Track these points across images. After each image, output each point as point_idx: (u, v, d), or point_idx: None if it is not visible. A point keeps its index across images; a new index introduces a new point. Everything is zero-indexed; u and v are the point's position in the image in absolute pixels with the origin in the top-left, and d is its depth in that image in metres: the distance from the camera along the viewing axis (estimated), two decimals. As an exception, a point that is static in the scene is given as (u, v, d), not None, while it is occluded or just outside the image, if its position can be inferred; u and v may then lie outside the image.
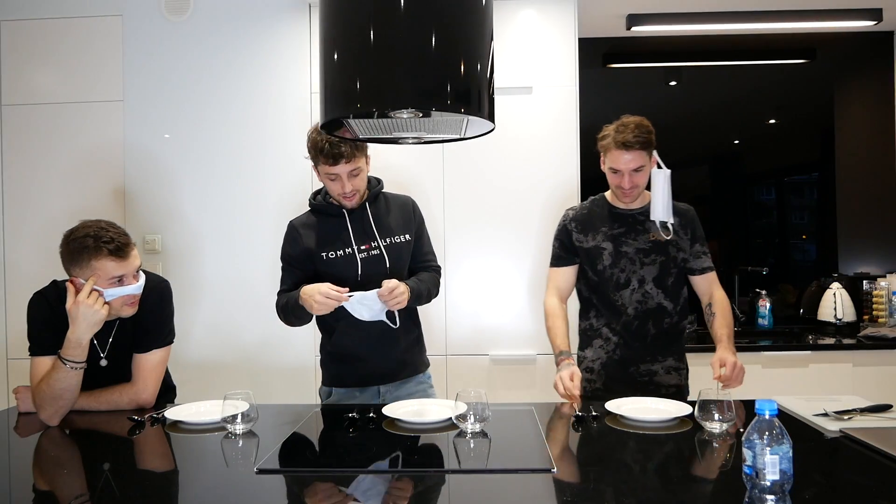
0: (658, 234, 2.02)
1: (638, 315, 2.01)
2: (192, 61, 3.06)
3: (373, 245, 1.97)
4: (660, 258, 2.02)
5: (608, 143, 1.96)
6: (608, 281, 2.03)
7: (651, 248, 2.02)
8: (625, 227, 2.04)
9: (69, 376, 1.68)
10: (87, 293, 1.66)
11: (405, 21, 1.29)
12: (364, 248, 1.96)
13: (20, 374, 2.86)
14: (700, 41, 3.57)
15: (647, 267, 2.01)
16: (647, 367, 2.03)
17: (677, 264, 2.04)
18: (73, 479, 1.35)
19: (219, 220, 3.05)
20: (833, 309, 3.31)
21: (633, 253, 2.02)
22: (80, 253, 1.67)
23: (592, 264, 2.05)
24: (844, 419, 1.56)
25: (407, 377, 2.03)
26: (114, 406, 1.80)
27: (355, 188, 1.91)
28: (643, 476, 1.31)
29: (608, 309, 2.05)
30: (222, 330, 3.05)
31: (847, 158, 3.65)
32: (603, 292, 2.05)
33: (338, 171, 1.87)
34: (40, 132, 3.07)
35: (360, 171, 1.89)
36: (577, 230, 2.08)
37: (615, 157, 1.95)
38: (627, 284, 2.01)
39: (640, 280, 2.01)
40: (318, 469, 1.36)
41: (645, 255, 2.02)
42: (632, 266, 2.01)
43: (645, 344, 2.02)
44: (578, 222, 2.08)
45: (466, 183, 3.01)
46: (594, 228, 2.06)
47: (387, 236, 1.98)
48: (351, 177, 1.88)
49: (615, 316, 2.03)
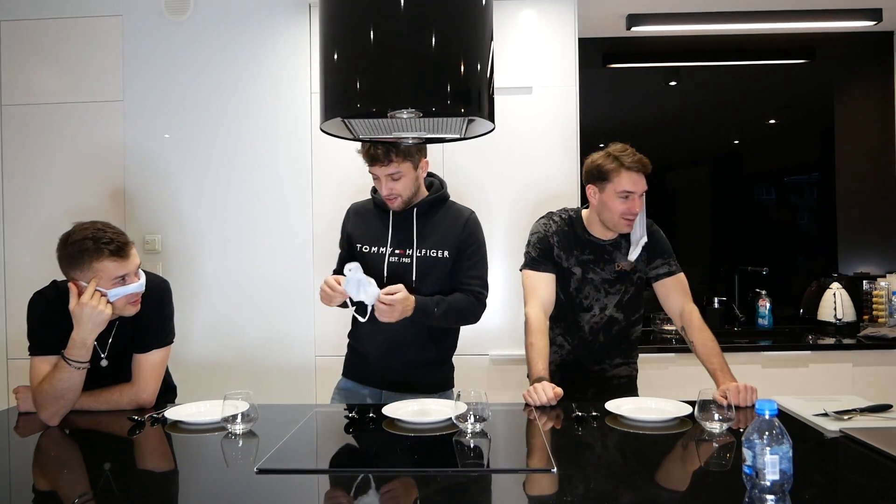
0: (623, 264, 2.02)
1: (592, 331, 2.05)
2: (192, 61, 3.06)
3: (406, 252, 1.93)
4: (623, 286, 2.03)
5: (615, 168, 1.90)
6: (573, 302, 2.04)
7: (616, 279, 2.03)
8: (594, 255, 2.03)
9: (73, 376, 1.68)
10: (90, 294, 1.66)
11: (405, 21, 1.29)
12: (398, 253, 1.94)
13: (20, 374, 2.86)
14: (700, 41, 3.57)
15: (611, 296, 2.03)
16: (599, 367, 2.08)
17: (636, 285, 2.06)
18: (74, 479, 1.35)
19: (219, 220, 3.05)
20: (833, 309, 3.31)
21: (599, 282, 2.02)
22: (79, 256, 1.66)
23: (563, 284, 2.05)
24: (844, 419, 1.56)
25: (413, 393, 1.93)
26: (114, 406, 1.80)
27: (395, 192, 1.87)
28: (643, 476, 1.30)
29: (568, 325, 2.07)
30: (222, 330, 3.05)
31: (847, 158, 3.65)
32: (566, 311, 2.06)
33: (376, 173, 1.86)
34: (40, 132, 3.07)
35: (401, 175, 1.85)
36: (557, 245, 2.03)
37: (630, 180, 1.90)
38: (590, 310, 2.04)
39: (602, 307, 2.04)
40: (318, 469, 1.36)
41: (610, 286, 2.03)
42: (596, 294, 2.03)
43: (594, 349, 2.07)
44: (560, 238, 2.04)
45: (466, 182, 3.01)
46: (569, 250, 2.03)
47: (424, 247, 1.92)
48: (390, 180, 1.86)
49: (573, 331, 2.07)
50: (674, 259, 2.06)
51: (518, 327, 3.01)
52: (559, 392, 1.76)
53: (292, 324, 3.03)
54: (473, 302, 1.94)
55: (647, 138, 3.61)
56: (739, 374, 1.86)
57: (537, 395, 1.75)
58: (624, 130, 3.64)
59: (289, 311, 3.03)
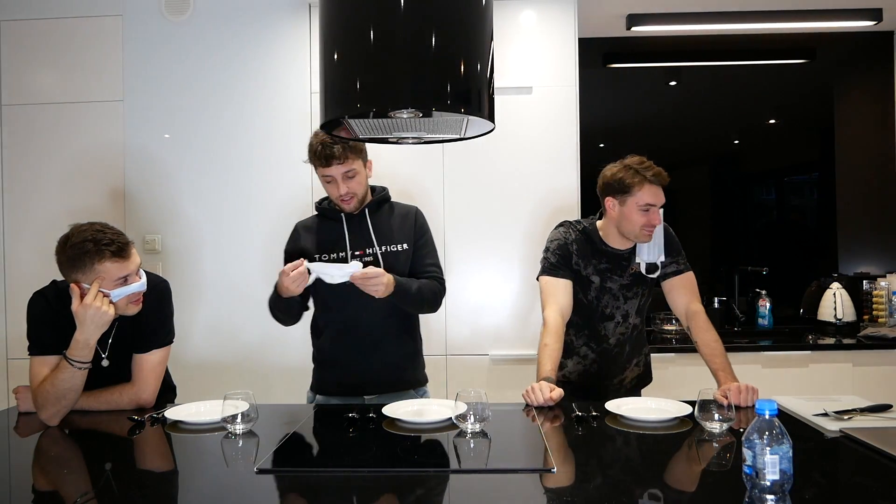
0: (638, 267, 2.04)
1: (619, 343, 2.07)
2: (192, 61, 3.06)
3: (368, 252, 1.96)
4: (639, 290, 2.06)
5: (639, 181, 1.90)
6: (594, 311, 2.05)
7: (632, 282, 2.05)
8: (611, 264, 2.05)
9: (75, 376, 1.68)
10: (93, 296, 1.65)
11: (405, 21, 1.29)
12: (358, 254, 1.96)
13: (20, 374, 2.86)
14: (700, 41, 3.57)
15: (631, 301, 2.05)
16: (619, 378, 2.10)
17: (650, 287, 2.10)
18: (74, 479, 1.35)
19: (219, 220, 3.05)
20: (833, 309, 3.31)
21: (617, 289, 2.04)
22: (80, 258, 1.65)
23: (583, 291, 2.06)
24: (844, 419, 1.56)
25: (394, 391, 1.98)
26: (114, 406, 1.80)
27: (351, 191, 1.91)
28: (643, 476, 1.31)
29: (591, 334, 2.07)
30: (222, 330, 3.05)
31: (847, 158, 3.65)
32: (589, 318, 2.07)
33: (331, 173, 1.88)
34: (40, 132, 3.07)
35: (355, 172, 1.89)
36: (576, 254, 2.05)
37: (652, 193, 1.92)
38: (612, 318, 2.05)
39: (624, 315, 2.05)
40: (318, 469, 1.36)
41: (627, 290, 2.04)
42: (615, 302, 2.04)
43: (619, 362, 2.09)
44: (579, 246, 2.05)
45: (466, 183, 3.01)
46: (587, 259, 2.05)
47: (384, 244, 1.97)
48: (346, 178, 1.89)
49: (596, 341, 2.07)
50: (683, 257, 2.07)
51: (518, 327, 3.01)
52: (559, 393, 1.76)
53: (292, 324, 3.03)
54: (437, 286, 2.01)
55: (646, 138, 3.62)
56: (740, 373, 1.86)
57: (535, 395, 1.76)
58: (624, 130, 3.64)
59: (289, 311, 3.03)
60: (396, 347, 1.99)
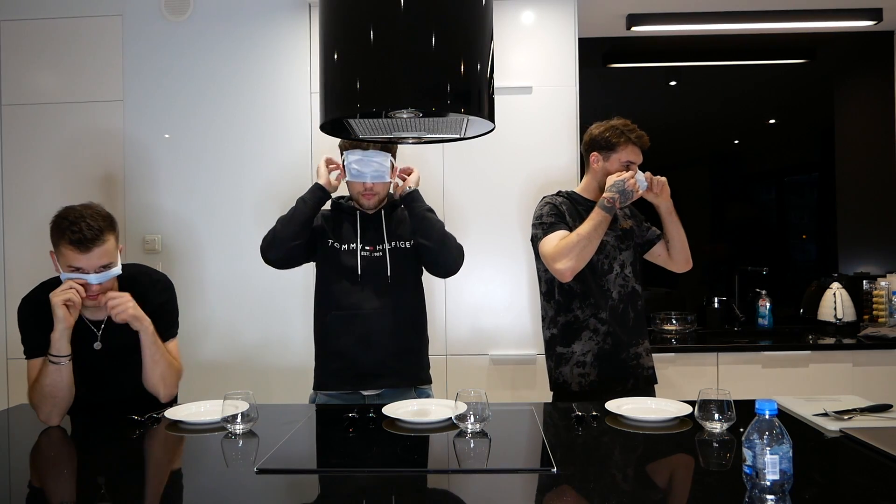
0: (623, 223, 2.17)
1: (622, 299, 2.10)
2: (191, 61, 3.06)
3: (377, 247, 2.02)
4: (631, 244, 2.17)
5: (623, 141, 2.09)
6: (594, 266, 2.08)
7: (624, 236, 2.16)
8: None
9: (59, 371, 1.68)
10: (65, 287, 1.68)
11: (405, 21, 1.29)
12: (368, 249, 2.01)
13: (20, 374, 2.85)
14: (700, 41, 3.57)
15: (624, 252, 2.14)
16: (634, 351, 2.10)
17: (639, 247, 2.22)
18: (73, 479, 1.35)
19: (219, 220, 3.05)
20: (833, 309, 3.31)
21: (613, 240, 2.12)
22: (52, 232, 1.70)
23: None
24: (844, 419, 1.56)
25: (396, 387, 1.98)
26: (167, 365, 1.82)
27: (376, 189, 2.01)
28: (643, 476, 1.31)
29: (595, 295, 2.07)
30: (222, 330, 3.05)
31: (847, 158, 3.65)
32: (590, 278, 2.08)
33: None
34: (40, 132, 3.07)
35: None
36: (567, 213, 2.12)
37: (634, 153, 2.10)
38: (611, 270, 2.11)
39: (621, 265, 2.12)
40: (318, 469, 1.36)
41: (621, 242, 2.14)
42: (613, 252, 2.12)
43: (628, 328, 2.10)
44: (567, 207, 2.13)
45: (466, 183, 3.01)
46: (576, 217, 2.10)
47: (394, 240, 2.04)
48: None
49: (602, 301, 2.07)
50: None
51: (518, 327, 3.01)
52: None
53: (292, 324, 3.03)
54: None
55: (647, 138, 3.61)
56: (740, 373, 1.87)
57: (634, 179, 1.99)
58: (624, 130, 3.64)
59: (288, 311, 3.03)
60: (399, 339, 2.00)
